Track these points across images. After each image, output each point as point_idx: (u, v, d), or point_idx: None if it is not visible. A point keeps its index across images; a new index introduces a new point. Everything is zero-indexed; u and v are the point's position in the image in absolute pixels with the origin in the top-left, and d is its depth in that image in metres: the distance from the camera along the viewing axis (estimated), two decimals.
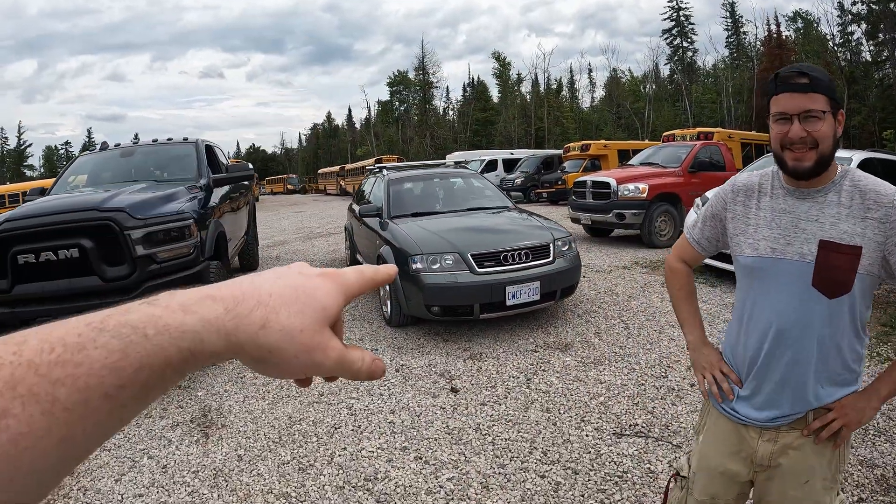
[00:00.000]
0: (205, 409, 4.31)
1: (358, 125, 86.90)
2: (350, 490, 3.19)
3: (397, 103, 74.65)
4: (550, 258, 5.73)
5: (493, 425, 3.86)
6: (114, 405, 0.37)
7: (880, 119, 39.37)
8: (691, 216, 8.20)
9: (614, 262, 9.20)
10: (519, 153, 30.05)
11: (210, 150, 7.77)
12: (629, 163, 13.37)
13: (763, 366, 1.67)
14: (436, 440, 3.69)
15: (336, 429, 3.90)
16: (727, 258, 7.35)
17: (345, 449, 3.63)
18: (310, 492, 3.20)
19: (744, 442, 1.74)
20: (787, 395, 1.64)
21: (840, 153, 7.94)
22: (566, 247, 5.96)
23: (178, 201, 5.32)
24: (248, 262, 9.73)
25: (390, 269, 0.54)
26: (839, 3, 42.52)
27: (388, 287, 5.91)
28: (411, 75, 72.58)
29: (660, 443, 3.57)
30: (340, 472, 3.38)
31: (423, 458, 3.48)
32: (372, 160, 36.23)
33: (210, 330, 0.41)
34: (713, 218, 1.83)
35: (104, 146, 7.76)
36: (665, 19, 60.51)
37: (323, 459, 3.52)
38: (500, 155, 29.31)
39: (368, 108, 77.98)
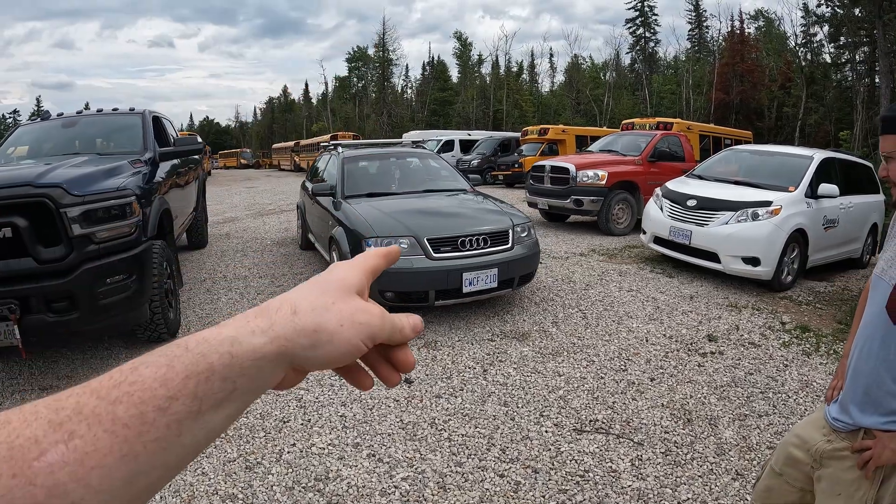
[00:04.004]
0: None
1: (314, 100, 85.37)
2: (300, 491, 3.01)
3: (355, 80, 73.47)
4: (509, 244, 5.59)
5: (450, 419, 3.72)
6: (169, 418, 0.38)
7: (836, 119, 40.57)
8: (650, 206, 8.18)
9: (571, 249, 9.14)
10: (476, 134, 29.92)
11: (158, 121, 7.38)
12: (588, 149, 13.32)
13: (848, 371, 1.71)
14: (389, 436, 3.53)
15: (285, 423, 3.70)
16: (681, 247, 7.41)
17: (294, 445, 3.45)
18: (257, 492, 3.01)
19: (816, 434, 1.79)
20: (855, 404, 1.66)
21: (802, 151, 8.09)
22: (525, 233, 5.82)
23: (120, 176, 4.97)
24: (197, 239, 9.40)
25: (394, 249, 0.58)
26: (804, 4, 43.48)
27: None
28: (371, 52, 71.51)
29: (621, 440, 3.49)
30: (290, 470, 3.19)
31: (377, 456, 3.31)
32: (327, 136, 35.62)
33: (244, 331, 0.43)
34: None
35: (46, 115, 7.31)
36: (629, 8, 60.81)
37: (271, 457, 3.33)
38: (457, 135, 29.01)
39: (325, 84, 76.66)
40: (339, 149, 7.52)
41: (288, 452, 3.37)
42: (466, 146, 26.78)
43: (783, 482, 1.88)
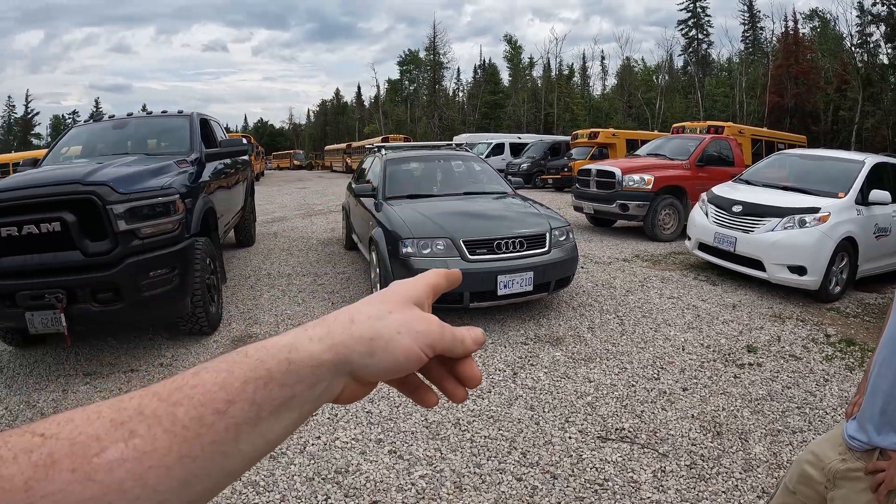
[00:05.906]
0: None
1: (367, 103, 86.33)
2: (319, 482, 3.08)
3: (407, 83, 74.05)
4: (546, 248, 5.56)
5: (474, 421, 3.73)
6: (227, 421, 0.39)
7: (894, 123, 38.93)
8: (696, 212, 8.02)
9: (615, 254, 9.04)
10: (527, 138, 29.79)
11: (206, 123, 7.61)
12: (636, 153, 13.13)
13: (867, 388, 1.63)
14: (412, 434, 3.56)
15: (312, 416, 3.77)
16: (726, 254, 7.23)
17: (318, 438, 3.52)
18: (278, 481, 3.09)
19: (831, 452, 1.70)
20: (872, 422, 1.57)
21: (852, 156, 7.81)
22: (563, 237, 5.79)
23: (166, 175, 5.17)
24: (245, 237, 9.66)
25: (455, 272, 0.58)
26: (859, 2, 41.96)
27: (378, 270, 5.78)
28: (422, 55, 71.96)
29: (645, 450, 3.43)
30: (312, 462, 3.27)
31: (398, 453, 3.35)
32: (379, 138, 36.01)
33: (302, 338, 0.44)
34: None
35: (98, 117, 7.63)
36: (681, 10, 59.71)
37: (295, 448, 3.41)
38: (508, 139, 29.03)
39: (377, 87, 77.45)
40: (382, 151, 7.61)
41: (312, 445, 3.44)
42: (517, 149, 26.73)
43: (797, 501, 1.80)
